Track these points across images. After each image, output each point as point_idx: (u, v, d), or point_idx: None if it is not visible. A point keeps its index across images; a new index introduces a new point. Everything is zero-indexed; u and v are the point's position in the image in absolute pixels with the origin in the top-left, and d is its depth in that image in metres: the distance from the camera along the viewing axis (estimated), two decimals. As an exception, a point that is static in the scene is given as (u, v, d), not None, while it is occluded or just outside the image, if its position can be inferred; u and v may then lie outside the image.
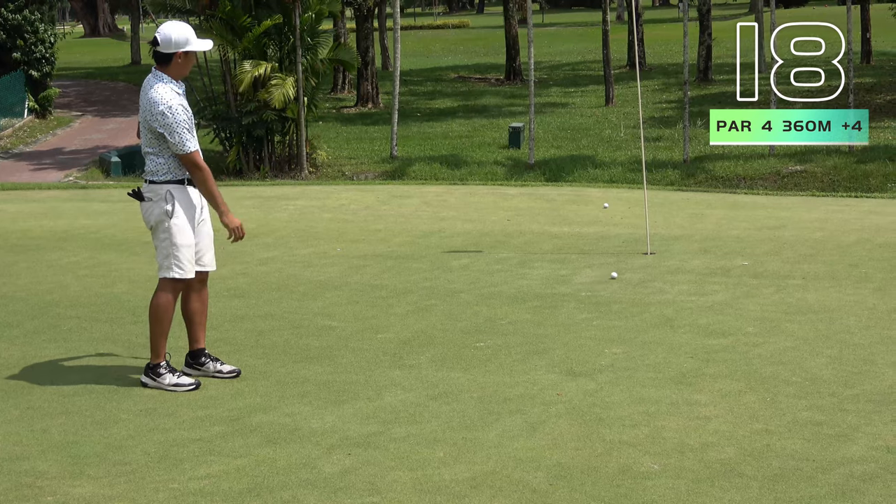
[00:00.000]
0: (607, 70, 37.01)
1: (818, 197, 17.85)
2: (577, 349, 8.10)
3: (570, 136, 30.51)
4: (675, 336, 8.42)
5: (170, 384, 7.39)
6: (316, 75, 26.53)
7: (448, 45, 63.79)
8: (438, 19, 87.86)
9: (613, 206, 15.83)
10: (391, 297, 9.99)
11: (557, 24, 77.80)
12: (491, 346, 8.22)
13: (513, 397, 6.97)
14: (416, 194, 17.97)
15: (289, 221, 14.98)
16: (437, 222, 14.65)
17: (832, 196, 18.14)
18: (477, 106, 37.75)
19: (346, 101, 40.20)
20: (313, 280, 10.93)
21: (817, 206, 16.12)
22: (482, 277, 10.85)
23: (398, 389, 7.18)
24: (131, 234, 13.77)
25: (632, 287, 10.29)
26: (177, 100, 7.41)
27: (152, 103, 7.37)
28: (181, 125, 7.35)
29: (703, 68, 41.46)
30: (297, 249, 12.68)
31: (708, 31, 41.01)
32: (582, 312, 9.30)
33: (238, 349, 8.28)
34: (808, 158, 24.83)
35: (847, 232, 13.25)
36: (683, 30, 26.06)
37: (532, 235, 13.47)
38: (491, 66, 50.91)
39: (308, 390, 7.20)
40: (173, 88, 7.45)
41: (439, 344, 8.34)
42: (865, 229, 13.45)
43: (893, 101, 33.23)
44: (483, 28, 75.39)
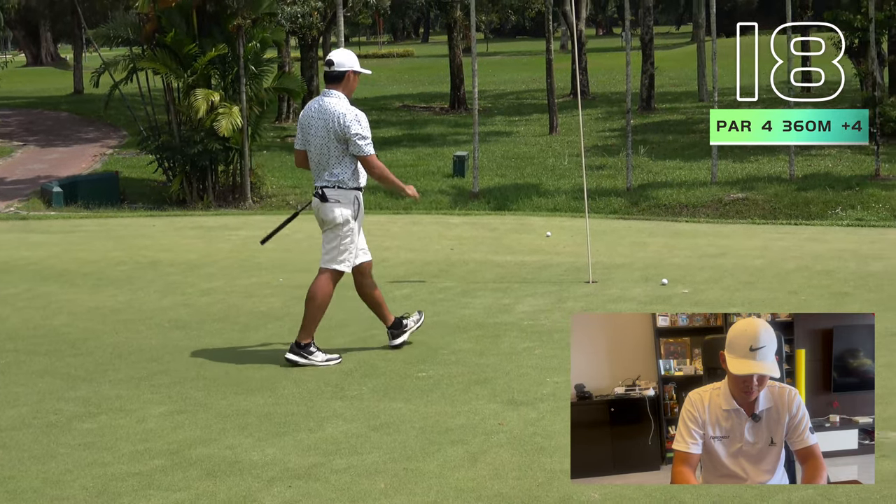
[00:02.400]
0: (551, 99, 37.23)
1: (759, 225, 18.03)
2: (518, 378, 8.11)
3: (515, 165, 30.65)
4: (616, 364, 8.45)
5: (323, 360, 8.65)
6: (260, 104, 26.50)
7: (393, 74, 63.91)
8: (383, 48, 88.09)
9: (556, 235, 15.90)
10: (333, 328, 9.97)
11: (501, 53, 78.22)
12: (433, 376, 8.22)
13: (454, 427, 6.97)
14: (359, 223, 17.92)
15: (231, 251, 14.93)
16: (380, 252, 14.63)
17: (773, 224, 18.32)
18: (421, 135, 37.84)
19: (291, 130, 40.15)
20: (255, 311, 10.89)
21: (758, 233, 16.27)
22: (424, 307, 10.84)
23: (339, 420, 7.16)
24: (72, 265, 13.67)
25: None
26: (359, 111, 8.67)
27: (340, 115, 8.58)
28: (365, 132, 8.65)
29: (645, 97, 41.80)
30: (240, 280, 12.63)
31: (650, 61, 41.36)
32: (524, 341, 9.32)
33: (178, 381, 8.22)
34: (749, 186, 25.06)
35: (787, 259, 13.38)
36: (626, 59, 26.27)
37: (475, 264, 13.49)
38: (435, 95, 51.07)
39: (249, 422, 7.16)
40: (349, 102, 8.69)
41: (381, 374, 8.33)
42: (805, 257, 13.59)
43: (833, 129, 33.61)
44: (428, 57, 75.64)
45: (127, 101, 30.48)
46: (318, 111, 8.72)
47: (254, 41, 26.11)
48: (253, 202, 26.03)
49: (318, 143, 8.70)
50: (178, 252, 14.91)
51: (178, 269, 13.39)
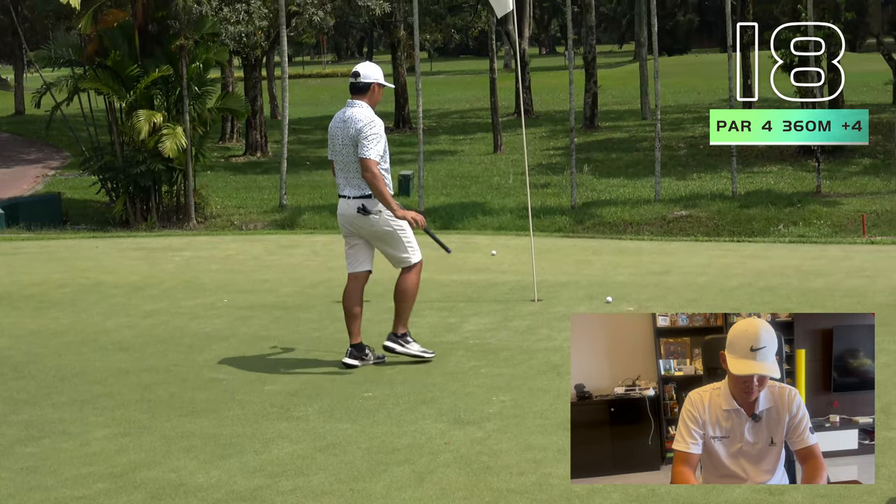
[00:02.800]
0: (495, 118, 37.36)
1: (702, 242, 18.15)
2: (464, 397, 8.12)
3: (460, 184, 30.71)
4: (562, 382, 8.48)
5: (419, 350, 9.24)
6: (203, 124, 26.41)
7: (337, 94, 63.82)
8: (327, 68, 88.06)
9: (501, 254, 15.93)
10: (279, 349, 9.94)
11: (445, 72, 78.42)
12: (379, 396, 8.21)
13: (401, 447, 6.96)
14: (304, 244, 17.93)
15: (175, 273, 14.84)
16: (326, 272, 14.61)
17: (716, 241, 18.45)
18: (366, 154, 37.80)
19: (235, 150, 40.05)
20: (199, 332, 10.83)
21: (701, 251, 16.38)
22: (370, 327, 10.81)
23: (285, 442, 7.13)
24: (13, 288, 13.55)
25: (519, 334, 10.35)
26: (378, 119, 9.14)
27: (358, 121, 9.04)
28: (374, 137, 8.98)
29: (589, 115, 42.03)
30: (184, 301, 12.56)
31: (594, 79, 41.59)
32: (470, 360, 9.33)
33: (122, 404, 8.16)
34: (692, 203, 25.25)
35: (730, 276, 13.48)
36: (569, 77, 26.42)
37: (420, 284, 13.45)
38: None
39: (194, 444, 7.12)
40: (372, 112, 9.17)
41: (327, 395, 8.31)
42: (747, 273, 13.70)
43: (774, 147, 33.91)
44: (372, 76, 75.52)
45: (69, 121, 30.28)
46: (341, 122, 9.18)
47: (197, 61, 26.02)
48: (197, 223, 25.90)
49: (344, 153, 9.11)
50: (122, 274, 14.81)
51: (122, 291, 13.29)
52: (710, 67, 61.20)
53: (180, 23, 25.44)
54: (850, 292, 12.09)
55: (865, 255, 15.29)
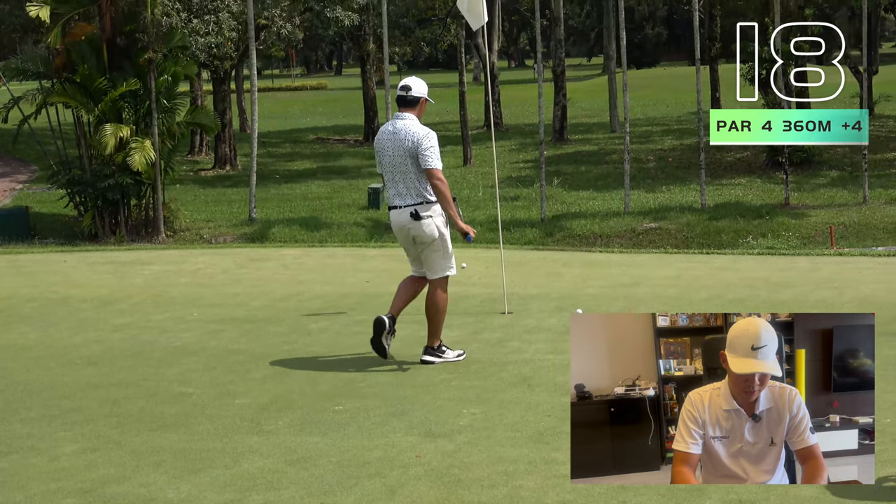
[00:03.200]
0: (464, 131, 37.42)
1: (671, 254, 18.20)
2: (435, 410, 8.11)
3: (429, 197, 30.73)
4: (532, 395, 8.49)
5: (454, 356, 9.75)
6: (172, 138, 26.35)
7: (306, 107, 63.87)
8: (296, 81, 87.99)
9: (471, 266, 15.93)
10: (249, 362, 9.91)
11: (415, 85, 78.27)
12: (350, 410, 8.19)
13: (371, 461, 6.95)
14: (274, 257, 17.89)
15: (144, 287, 14.78)
16: (296, 285, 14.59)
17: (685, 253, 18.52)
18: (336, 167, 37.82)
19: (204, 164, 39.97)
20: (169, 346, 10.79)
21: (671, 263, 16.43)
22: (341, 340, 10.83)
23: (256, 456, 7.11)
24: (-19, 303, 13.47)
25: (490, 347, 10.36)
26: (431, 130, 9.62)
27: (414, 133, 9.48)
28: (434, 148, 9.49)
29: (558, 128, 42.15)
30: (153, 315, 12.51)
31: (563, 92, 41.71)
32: (441, 373, 9.33)
33: (91, 419, 8.12)
34: (662, 216, 25.34)
35: (699, 289, 13.53)
36: (538, 91, 26.49)
37: (391, 297, 13.39)
38: (349, 128, 51.10)
39: (164, 459, 7.09)
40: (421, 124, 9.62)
41: (298, 408, 8.29)
42: (717, 285, 13.75)
43: (742, 160, 34.09)
44: (341, 89, 75.67)
45: (37, 135, 30.13)
46: (391, 134, 9.62)
47: (165, 75, 25.95)
48: (166, 236, 25.82)
49: (395, 164, 9.55)
50: (90, 288, 14.74)
51: (91, 305, 13.23)
52: (678, 80, 61.45)
53: (149, 36, 25.38)
54: (819, 304, 12.15)
55: (833, 266, 15.37)
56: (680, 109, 50.46)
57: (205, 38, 32.84)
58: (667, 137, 40.91)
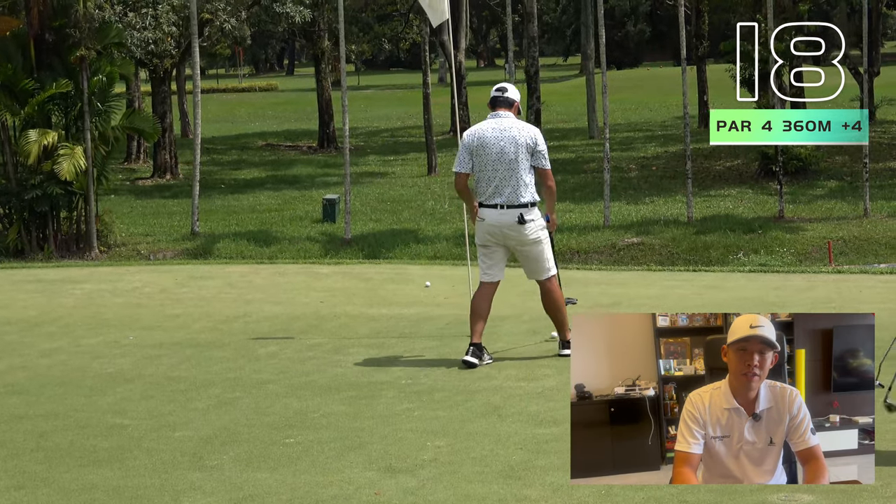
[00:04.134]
0: (429, 136, 37.48)
1: (655, 271, 18.26)
2: (396, 443, 8.10)
3: (390, 209, 30.75)
4: (503, 426, 8.49)
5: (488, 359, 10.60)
6: (106, 143, 26.21)
7: (255, 110, 63.84)
8: (244, 81, 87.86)
9: (436, 285, 15.96)
10: (190, 391, 9.88)
11: (374, 86, 78.56)
12: (302, 442, 8.18)
13: (326, 499, 6.93)
14: (218, 275, 17.86)
15: (75, 307, 14.73)
16: (243, 305, 14.57)
17: (670, 270, 18.58)
18: (287, 176, 37.80)
19: (142, 172, 39.86)
20: (102, 373, 10.74)
21: (654, 281, 16.49)
22: (292, 366, 10.81)
23: (198, 493, 7.08)
24: None
25: (456, 373, 10.37)
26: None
27: (530, 130, 10.39)
28: (546, 149, 10.50)
29: (532, 134, 42.16)
30: (85, 339, 12.46)
31: (536, 95, 41.75)
32: (402, 402, 9.33)
33: (16, 453, 8.07)
34: (645, 230, 25.43)
35: (685, 309, 13.55)
36: (509, 93, 26.50)
37: (347, 318, 13.48)
38: (302, 133, 51.09)
39: (96, 498, 7.05)
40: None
41: (244, 441, 8.26)
42: (705, 305, 13.80)
43: (733, 168, 34.28)
44: (293, 91, 75.69)
45: (-44, 141, 29.97)
46: (497, 130, 10.33)
47: (99, 74, 25.83)
48: (100, 252, 25.71)
49: (503, 160, 10.25)
50: (16, 309, 14.68)
51: (16, 328, 13.17)
52: (662, 82, 61.76)
53: (81, 31, 25.27)
54: (816, 326, 12.21)
55: (831, 284, 15.47)
56: (665, 114, 50.71)
57: (142, 33, 32.77)
58: (650, 144, 41.12)
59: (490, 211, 10.44)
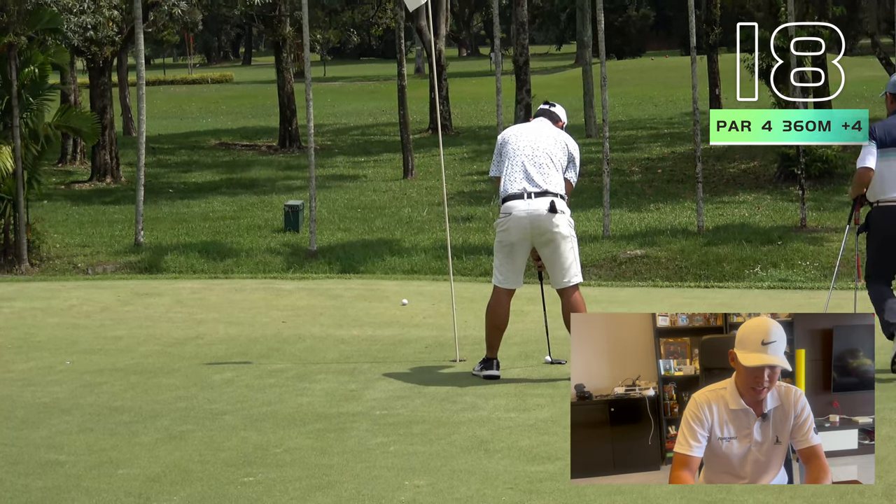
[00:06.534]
0: (405, 135, 37.44)
1: (662, 288, 18.31)
2: (370, 482, 8.11)
3: (362, 217, 30.72)
4: (490, 462, 8.50)
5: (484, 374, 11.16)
6: (37, 141, 26.15)
7: (207, 105, 63.80)
8: (194, 72, 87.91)
9: (414, 303, 15.97)
10: (135, 423, 9.87)
11: (343, 78, 78.60)
12: (262, 482, 8.17)
13: (290, 545, 6.94)
14: (167, 291, 17.85)
15: (3, 329, 14.71)
16: (194, 326, 14.56)
17: (678, 286, 18.62)
18: (244, 180, 37.76)
19: (79, 175, 39.78)
20: (35, 403, 10.73)
21: (661, 298, 16.52)
22: (251, 395, 10.80)
23: (145, 539, 7.08)
24: None
25: (438, 403, 10.37)
26: None
27: (569, 138, 11.33)
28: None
29: (521, 132, 42.18)
30: (14, 364, 12.45)
31: (526, 88, 41.79)
32: (376, 436, 9.33)
33: (-63, 494, 8.06)
34: (650, 241, 25.43)
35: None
36: (496, 85, 26.59)
37: (313, 341, 13.48)
38: (261, 131, 51.12)
39: (28, 544, 7.05)
40: None
41: (197, 480, 8.26)
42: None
43: (749, 171, 34.38)
44: (251, 83, 75.71)
45: None
46: (537, 126, 11.31)
47: (31, 65, 25.79)
48: (31, 265, 25.63)
49: (539, 148, 10.97)
50: (-65, 330, 14.65)
51: (-65, 352, 13.15)
52: (669, 73, 61.86)
53: (9, 15, 25.25)
54: (844, 349, 12.25)
55: (860, 303, 15.48)
56: (671, 109, 50.77)
57: (79, 17, 32.72)
58: (655, 144, 41.16)
59: (517, 202, 10.80)
